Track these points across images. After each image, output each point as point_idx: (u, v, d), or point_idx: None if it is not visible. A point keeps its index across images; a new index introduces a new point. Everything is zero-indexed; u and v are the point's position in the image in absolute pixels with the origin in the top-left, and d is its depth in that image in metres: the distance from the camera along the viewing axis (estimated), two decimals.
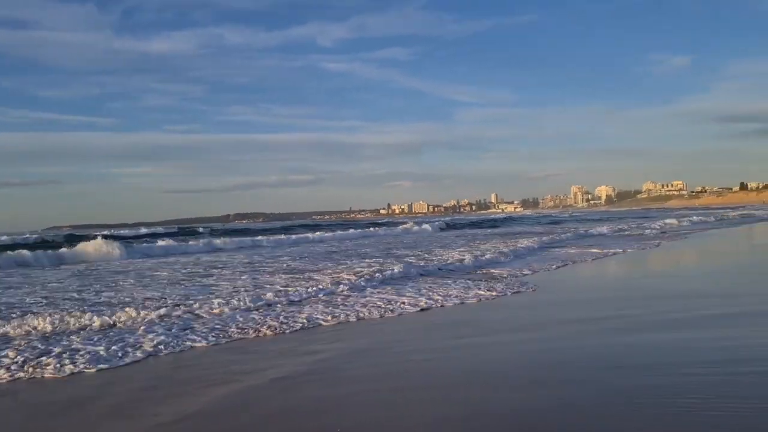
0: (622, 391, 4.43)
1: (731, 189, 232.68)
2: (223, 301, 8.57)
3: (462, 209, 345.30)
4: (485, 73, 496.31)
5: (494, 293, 9.38)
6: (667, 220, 34.32)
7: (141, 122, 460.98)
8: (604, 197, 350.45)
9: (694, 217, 37.98)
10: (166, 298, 9.26)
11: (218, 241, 27.17)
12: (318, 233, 33.51)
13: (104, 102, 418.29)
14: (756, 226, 30.35)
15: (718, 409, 3.89)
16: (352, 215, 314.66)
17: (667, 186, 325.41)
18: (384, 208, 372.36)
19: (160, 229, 41.49)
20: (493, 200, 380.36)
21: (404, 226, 42.46)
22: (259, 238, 30.64)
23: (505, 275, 11.78)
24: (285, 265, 14.91)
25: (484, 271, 12.55)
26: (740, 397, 4.12)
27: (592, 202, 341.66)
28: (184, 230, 39.30)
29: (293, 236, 32.28)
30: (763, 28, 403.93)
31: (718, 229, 29.84)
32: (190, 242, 26.51)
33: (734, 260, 15.08)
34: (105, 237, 23.49)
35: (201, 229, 40.66)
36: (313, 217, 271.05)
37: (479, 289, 9.83)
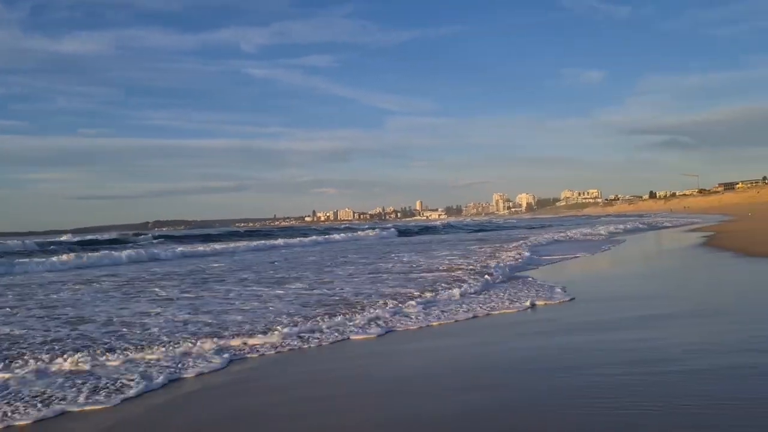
0: (548, 391, 4.44)
1: (641, 197, 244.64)
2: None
3: (388, 216, 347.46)
4: (411, 83, 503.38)
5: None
6: (611, 227, 35.14)
7: (52, 125, 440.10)
8: (524, 205, 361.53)
9: (629, 224, 39.31)
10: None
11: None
12: (280, 240, 33.65)
13: (10, 103, 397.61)
14: (679, 232, 31.66)
15: (630, 408, 3.90)
16: (277, 222, 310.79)
17: (584, 194, 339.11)
18: (309, 216, 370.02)
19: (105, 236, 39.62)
20: (418, 207, 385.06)
21: (362, 232, 43.73)
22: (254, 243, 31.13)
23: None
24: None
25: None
26: (650, 396, 4.13)
27: (513, 210, 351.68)
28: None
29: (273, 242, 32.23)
30: (670, 47, 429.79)
31: (651, 231, 31.07)
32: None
33: (658, 264, 15.46)
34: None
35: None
36: (236, 224, 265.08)
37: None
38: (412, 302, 8.40)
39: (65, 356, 5.73)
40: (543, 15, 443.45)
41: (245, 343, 6.26)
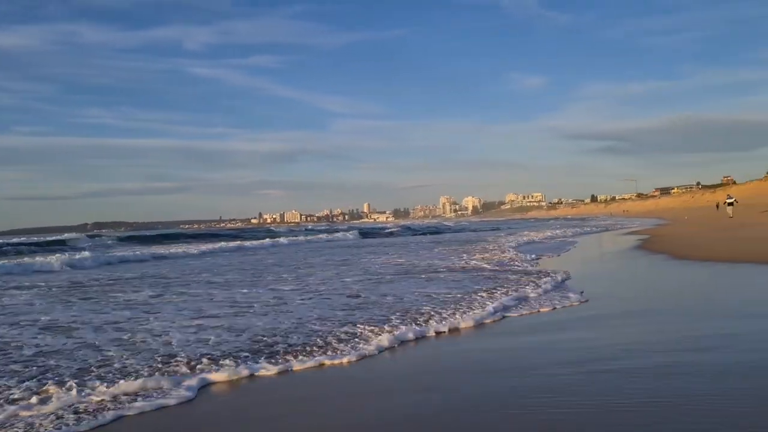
0: (494, 393, 4.53)
1: (583, 201, 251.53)
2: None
3: (335, 219, 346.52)
4: (358, 85, 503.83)
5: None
6: (561, 231, 36.02)
7: None
8: (470, 208, 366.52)
9: (577, 228, 40.31)
10: None
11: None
12: (250, 242, 33.08)
13: None
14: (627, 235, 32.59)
15: (569, 407, 4.01)
16: (222, 224, 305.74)
17: (528, 198, 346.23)
18: (255, 217, 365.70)
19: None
20: (365, 210, 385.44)
21: (332, 234, 43.75)
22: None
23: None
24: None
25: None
26: (586, 394, 4.26)
27: (459, 212, 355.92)
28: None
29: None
30: (609, 55, 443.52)
31: (595, 234, 31.88)
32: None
33: (597, 266, 15.84)
34: None
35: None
36: (181, 226, 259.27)
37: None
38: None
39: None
40: (487, 20, 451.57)
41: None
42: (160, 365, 5.42)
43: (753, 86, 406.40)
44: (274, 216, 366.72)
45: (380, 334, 6.37)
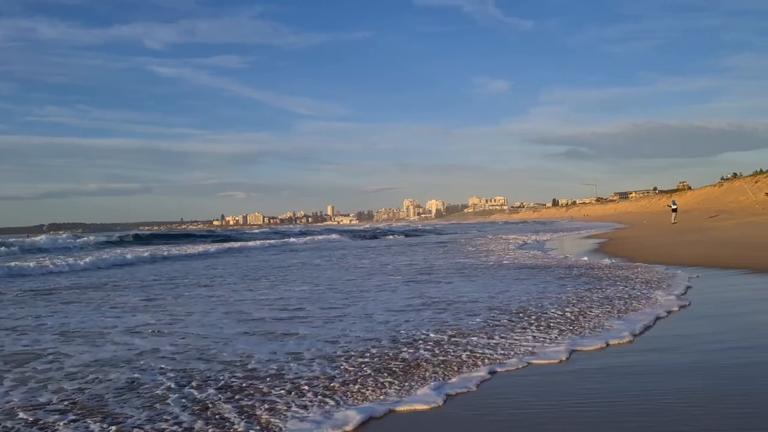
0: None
1: (545, 205, 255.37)
2: None
3: (298, 221, 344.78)
4: (323, 87, 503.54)
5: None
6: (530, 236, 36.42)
7: None
8: (434, 211, 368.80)
9: (541, 233, 40.87)
10: None
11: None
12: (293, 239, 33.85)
13: None
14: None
15: (530, 408, 4.03)
16: (183, 226, 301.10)
17: (491, 201, 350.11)
18: (218, 219, 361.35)
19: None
20: (329, 212, 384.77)
21: (321, 237, 42.56)
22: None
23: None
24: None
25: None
26: (546, 397, 4.30)
27: (423, 215, 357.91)
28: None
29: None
30: (572, 61, 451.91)
31: (557, 237, 32.34)
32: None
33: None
34: None
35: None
36: (141, 227, 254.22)
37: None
38: None
39: None
40: (452, 25, 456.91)
41: None
42: None
43: (709, 94, 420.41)
44: (236, 218, 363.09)
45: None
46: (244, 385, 4.59)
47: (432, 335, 6.16)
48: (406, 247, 26.50)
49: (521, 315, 7.16)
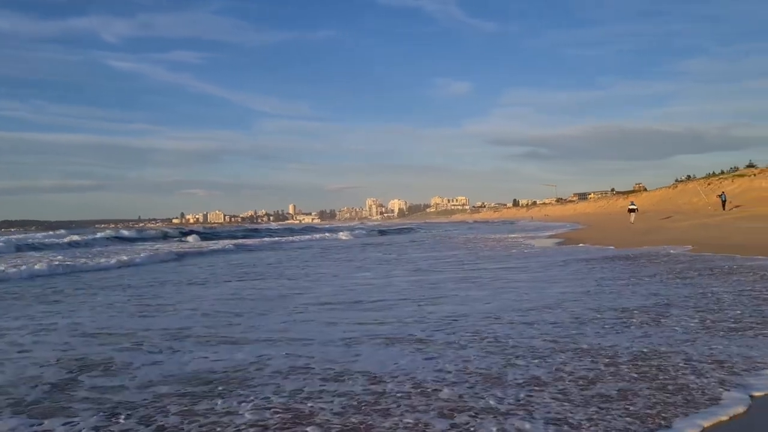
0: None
1: (506, 205, 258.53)
2: None
3: (260, 220, 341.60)
4: (286, 85, 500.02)
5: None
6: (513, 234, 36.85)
7: None
8: (396, 210, 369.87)
9: (508, 232, 41.41)
10: None
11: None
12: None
13: None
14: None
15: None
16: (142, 224, 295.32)
17: (453, 201, 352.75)
18: (177, 218, 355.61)
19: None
20: (291, 211, 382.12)
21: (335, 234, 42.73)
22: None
23: None
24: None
25: None
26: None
27: (385, 215, 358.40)
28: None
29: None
30: (532, 63, 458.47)
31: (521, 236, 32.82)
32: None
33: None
34: None
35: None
36: (96, 225, 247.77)
37: None
38: None
39: None
40: (414, 26, 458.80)
41: None
42: None
43: (666, 98, 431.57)
44: (197, 216, 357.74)
45: None
46: None
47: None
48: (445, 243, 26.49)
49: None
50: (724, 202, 45.31)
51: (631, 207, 42.34)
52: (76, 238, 33.11)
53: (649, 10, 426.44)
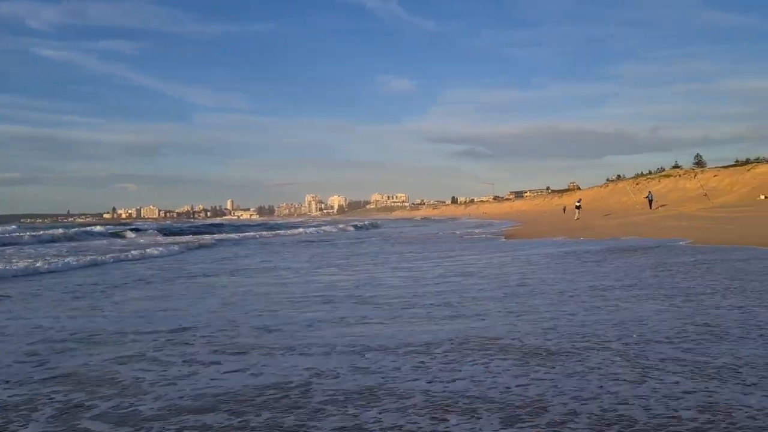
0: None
1: (444, 202, 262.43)
2: None
3: (196, 215, 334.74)
4: (226, 79, 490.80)
5: None
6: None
7: None
8: (336, 207, 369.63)
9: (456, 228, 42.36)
10: None
11: None
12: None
13: None
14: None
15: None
16: (71, 219, 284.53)
17: (393, 198, 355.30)
18: (108, 212, 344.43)
19: None
20: (229, 206, 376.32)
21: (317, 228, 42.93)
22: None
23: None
24: None
25: None
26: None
27: (325, 211, 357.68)
28: None
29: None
30: (471, 62, 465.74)
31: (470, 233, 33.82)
32: None
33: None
34: None
35: None
36: (21, 220, 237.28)
37: None
38: None
39: None
40: (355, 22, 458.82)
41: None
42: None
43: (599, 100, 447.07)
44: (129, 211, 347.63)
45: None
46: None
47: None
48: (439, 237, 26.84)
49: None
50: (651, 202, 47.74)
51: (578, 204, 45.10)
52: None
53: (583, 14, 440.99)
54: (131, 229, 39.46)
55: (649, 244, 16.17)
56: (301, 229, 42.22)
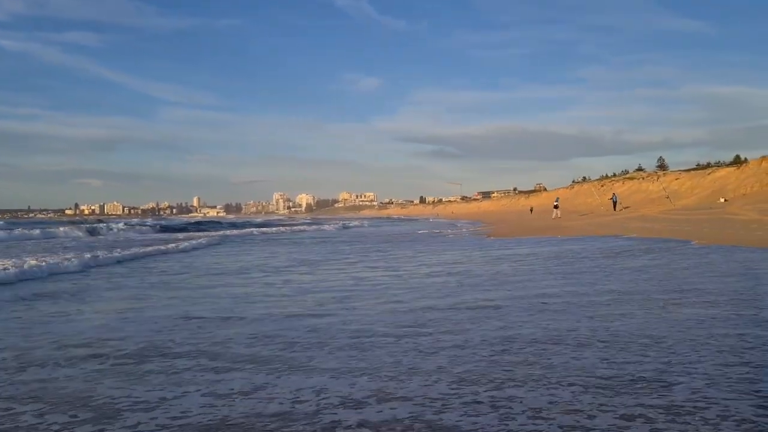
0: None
1: (413, 202, 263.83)
2: None
3: (162, 212, 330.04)
4: (191, 74, 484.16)
5: None
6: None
7: None
8: (304, 205, 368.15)
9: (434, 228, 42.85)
10: None
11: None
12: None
13: None
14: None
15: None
16: (32, 215, 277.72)
17: (361, 197, 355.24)
18: (71, 208, 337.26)
19: None
20: (195, 204, 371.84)
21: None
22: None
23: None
24: None
25: None
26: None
27: (293, 209, 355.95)
28: None
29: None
30: (441, 63, 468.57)
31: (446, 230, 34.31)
32: None
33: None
34: None
35: None
36: None
37: None
38: None
39: None
40: (323, 20, 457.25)
41: None
42: None
43: (565, 102, 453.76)
44: (92, 207, 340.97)
45: None
46: None
47: None
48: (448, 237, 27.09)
49: None
50: (615, 203, 48.99)
51: (556, 203, 47.85)
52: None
53: (551, 18, 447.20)
54: (127, 224, 42.06)
55: (653, 245, 16.79)
56: (303, 227, 46.36)
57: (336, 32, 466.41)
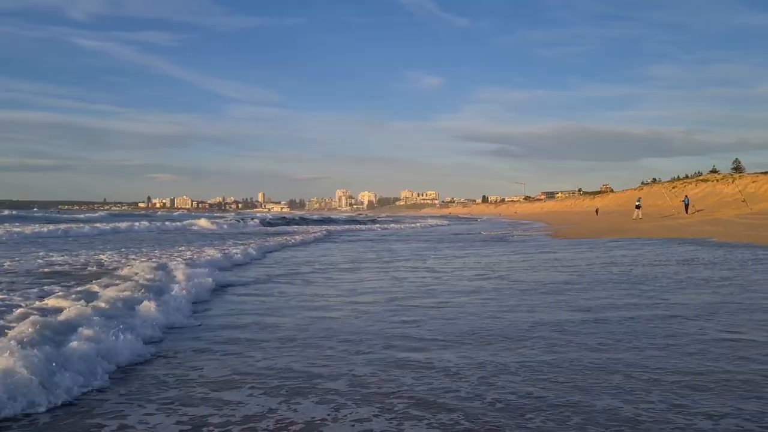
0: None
1: (475, 201, 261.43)
2: None
3: (228, 207, 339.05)
4: (254, 71, 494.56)
5: None
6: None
7: None
8: (366, 202, 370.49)
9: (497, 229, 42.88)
10: None
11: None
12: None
13: None
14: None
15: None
16: (107, 207, 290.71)
17: (423, 195, 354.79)
18: (144, 202, 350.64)
19: None
20: (260, 199, 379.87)
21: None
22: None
23: None
24: None
25: None
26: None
27: (355, 206, 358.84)
28: None
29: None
30: (503, 61, 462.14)
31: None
32: None
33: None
34: None
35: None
36: (60, 207, 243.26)
37: None
38: None
39: None
40: (386, 17, 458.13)
41: None
42: None
43: (631, 102, 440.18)
44: (163, 201, 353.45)
45: None
46: None
47: None
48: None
49: None
50: (686, 206, 47.40)
51: (638, 203, 46.78)
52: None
53: (615, 15, 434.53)
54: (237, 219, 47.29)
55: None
56: (418, 223, 54.40)
57: (398, 30, 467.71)
